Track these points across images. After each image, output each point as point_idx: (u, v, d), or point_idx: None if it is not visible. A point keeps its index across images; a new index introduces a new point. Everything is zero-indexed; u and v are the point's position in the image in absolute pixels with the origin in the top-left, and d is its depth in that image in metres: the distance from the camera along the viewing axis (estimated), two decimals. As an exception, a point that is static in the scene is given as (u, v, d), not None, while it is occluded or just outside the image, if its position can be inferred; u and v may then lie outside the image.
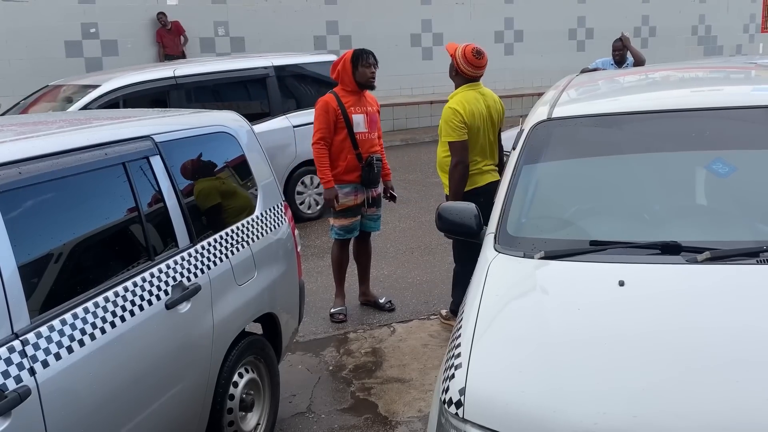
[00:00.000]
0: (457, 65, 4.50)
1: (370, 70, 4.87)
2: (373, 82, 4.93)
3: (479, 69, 4.51)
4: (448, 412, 2.03)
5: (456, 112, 4.40)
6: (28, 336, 2.12)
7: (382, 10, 14.91)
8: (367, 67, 4.86)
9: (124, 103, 6.67)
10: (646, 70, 5.02)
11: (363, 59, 4.86)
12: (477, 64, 4.49)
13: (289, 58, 8.12)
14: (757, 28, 21.07)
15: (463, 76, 4.52)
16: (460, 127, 4.38)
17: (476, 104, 4.47)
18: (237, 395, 3.21)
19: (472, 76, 4.52)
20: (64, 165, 2.41)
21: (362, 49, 4.96)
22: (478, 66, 4.50)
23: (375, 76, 4.92)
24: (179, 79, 7.10)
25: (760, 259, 2.31)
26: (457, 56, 4.50)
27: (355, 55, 4.90)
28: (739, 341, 2.01)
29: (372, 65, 4.89)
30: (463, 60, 4.48)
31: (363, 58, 4.87)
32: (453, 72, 4.57)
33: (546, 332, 2.16)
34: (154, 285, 2.67)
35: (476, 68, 4.50)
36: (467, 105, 4.43)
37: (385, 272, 6.02)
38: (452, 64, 4.55)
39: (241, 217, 3.41)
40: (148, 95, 6.91)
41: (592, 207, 2.87)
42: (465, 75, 4.51)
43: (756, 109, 2.95)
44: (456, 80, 4.58)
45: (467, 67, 4.49)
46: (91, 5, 12.21)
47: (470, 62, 4.48)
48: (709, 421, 1.79)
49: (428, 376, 4.17)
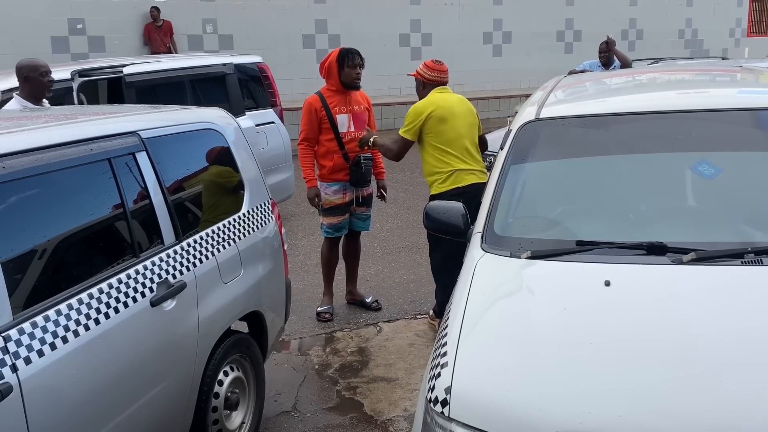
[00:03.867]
0: (421, 76, 4.66)
1: (355, 71, 4.85)
2: (358, 83, 4.91)
3: (442, 73, 4.65)
4: (434, 411, 2.03)
5: (416, 110, 4.53)
6: (10, 332, 2.10)
7: (371, 10, 14.90)
8: (353, 68, 4.85)
9: None
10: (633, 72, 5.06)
11: (349, 59, 4.85)
12: (438, 68, 4.64)
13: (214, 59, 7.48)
14: (743, 33, 21.25)
15: (429, 83, 4.63)
16: (413, 126, 4.51)
17: (442, 100, 4.54)
18: (222, 393, 3.19)
19: (436, 80, 4.63)
20: (48, 160, 2.38)
21: (348, 49, 4.93)
22: (440, 70, 4.64)
23: (360, 76, 4.90)
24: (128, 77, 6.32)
25: (745, 261, 2.33)
26: (419, 70, 4.68)
27: (341, 55, 4.88)
28: (724, 342, 2.02)
29: (357, 66, 4.86)
30: (424, 68, 4.65)
31: (349, 58, 4.85)
32: (420, 86, 4.70)
33: (532, 332, 2.17)
34: (138, 282, 2.65)
35: (439, 72, 4.64)
36: (430, 103, 4.52)
37: (372, 271, 6.01)
38: (418, 81, 4.70)
39: (228, 215, 3.39)
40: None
41: (578, 207, 2.88)
42: (430, 81, 4.63)
43: (741, 111, 2.97)
44: (424, 93, 4.66)
45: (429, 73, 4.63)
46: (78, 0, 12.12)
47: (431, 67, 4.64)
48: (693, 420, 1.80)
49: (414, 375, 4.17)
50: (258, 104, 7.49)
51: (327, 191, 4.96)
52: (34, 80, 4.49)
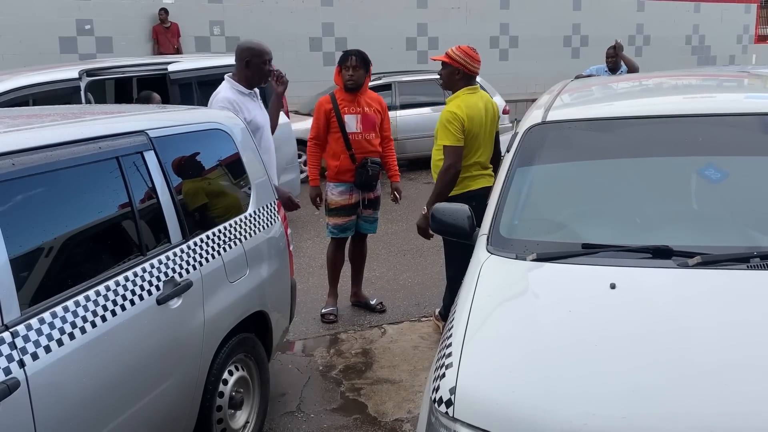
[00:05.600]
0: (462, 65, 4.34)
1: (348, 73, 4.86)
2: (352, 84, 4.86)
3: (479, 63, 4.42)
4: (438, 411, 2.03)
5: (456, 116, 4.25)
6: (18, 328, 2.11)
7: (378, 13, 14.93)
8: (347, 70, 4.86)
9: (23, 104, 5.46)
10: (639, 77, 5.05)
11: (343, 61, 4.89)
12: (477, 58, 4.40)
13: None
14: (750, 39, 21.22)
15: (470, 75, 4.37)
16: (458, 132, 4.26)
17: (476, 109, 4.33)
18: (227, 393, 3.20)
19: (476, 71, 4.40)
20: (57, 157, 2.40)
21: (346, 51, 4.98)
22: (478, 60, 4.41)
23: (354, 78, 4.84)
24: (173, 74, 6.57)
25: (750, 265, 2.32)
26: (457, 57, 4.35)
27: (340, 58, 4.95)
28: (728, 345, 2.02)
29: (351, 68, 4.84)
30: (465, 57, 4.34)
31: (343, 60, 4.89)
32: (454, 75, 4.39)
33: (537, 333, 2.17)
34: (145, 280, 2.66)
35: (478, 63, 4.40)
36: (467, 110, 4.29)
37: (377, 273, 6.02)
38: (453, 69, 4.37)
39: (234, 215, 3.41)
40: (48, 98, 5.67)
41: (584, 210, 2.88)
42: (472, 72, 4.36)
43: (748, 116, 2.97)
44: (459, 84, 4.40)
45: (471, 63, 4.35)
46: (87, 2, 12.19)
47: (473, 57, 4.36)
48: (697, 423, 1.80)
49: (418, 377, 4.17)
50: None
51: (333, 192, 4.97)
52: (255, 66, 4.28)
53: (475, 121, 4.32)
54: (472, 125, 4.30)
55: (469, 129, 4.29)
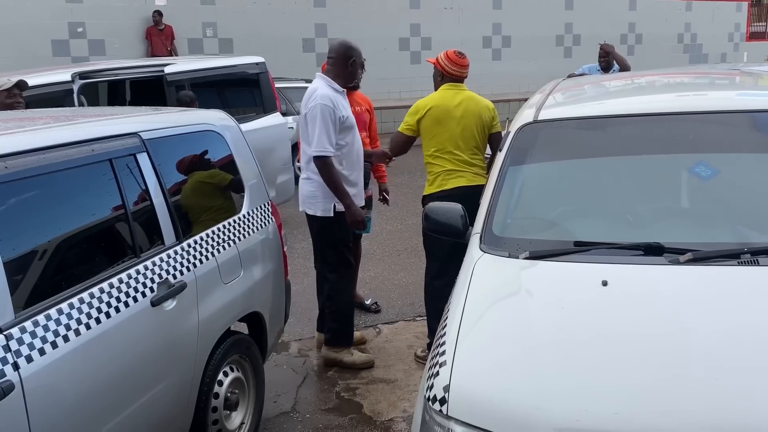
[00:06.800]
0: (441, 66, 4.47)
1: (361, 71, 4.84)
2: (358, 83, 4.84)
3: (463, 68, 4.46)
4: (432, 409, 2.04)
5: (417, 106, 4.43)
6: (12, 331, 2.11)
7: (370, 14, 14.94)
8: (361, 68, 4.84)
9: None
10: (631, 75, 5.07)
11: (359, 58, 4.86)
12: (460, 62, 4.45)
13: None
14: (741, 37, 21.31)
15: (448, 76, 4.46)
16: (410, 118, 4.43)
17: (445, 100, 4.38)
18: (222, 394, 3.21)
19: (456, 74, 4.44)
20: (50, 160, 2.40)
21: None
22: (461, 65, 4.45)
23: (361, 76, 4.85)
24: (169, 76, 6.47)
25: (741, 261, 2.34)
26: (440, 60, 4.49)
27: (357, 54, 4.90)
28: (720, 341, 2.03)
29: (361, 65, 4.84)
30: (445, 60, 4.46)
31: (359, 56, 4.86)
32: (438, 77, 4.52)
33: (530, 331, 2.18)
34: (139, 282, 2.67)
35: (459, 66, 4.45)
36: (433, 101, 4.38)
37: (372, 274, 6.02)
38: (436, 71, 4.52)
39: (228, 216, 3.41)
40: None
41: (576, 208, 2.89)
42: (449, 74, 4.45)
43: (739, 113, 2.99)
44: (437, 84, 4.52)
45: (450, 66, 4.44)
46: (79, 4, 12.16)
47: (453, 61, 4.44)
48: (689, 419, 1.81)
49: (413, 377, 4.18)
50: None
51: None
52: (356, 66, 4.37)
53: (439, 109, 4.37)
54: (435, 111, 4.37)
55: (430, 115, 4.37)
